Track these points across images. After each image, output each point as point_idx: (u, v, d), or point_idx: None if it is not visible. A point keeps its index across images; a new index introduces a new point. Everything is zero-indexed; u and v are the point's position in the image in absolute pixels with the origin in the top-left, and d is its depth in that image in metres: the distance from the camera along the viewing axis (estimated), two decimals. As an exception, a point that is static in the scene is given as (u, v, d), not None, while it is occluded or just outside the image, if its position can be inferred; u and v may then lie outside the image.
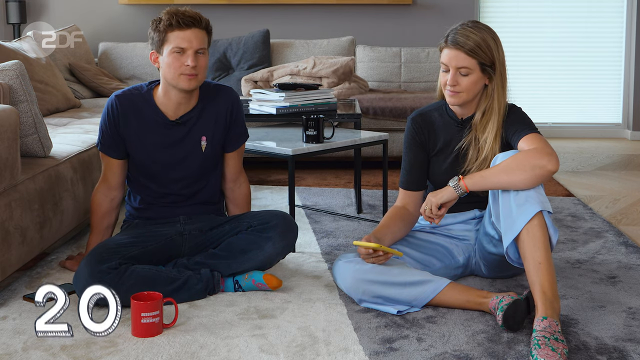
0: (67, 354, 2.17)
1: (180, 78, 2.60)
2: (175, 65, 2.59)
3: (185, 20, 2.57)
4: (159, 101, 2.70)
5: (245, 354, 2.17)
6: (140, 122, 2.69)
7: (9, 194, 2.58)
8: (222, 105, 2.76)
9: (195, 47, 2.58)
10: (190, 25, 2.58)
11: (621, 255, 3.09)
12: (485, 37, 2.52)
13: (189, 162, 2.73)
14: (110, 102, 2.71)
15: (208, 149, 2.74)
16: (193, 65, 2.57)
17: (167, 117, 2.69)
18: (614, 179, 4.70)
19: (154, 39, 2.63)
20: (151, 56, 2.67)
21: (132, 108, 2.69)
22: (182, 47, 2.57)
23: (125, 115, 2.69)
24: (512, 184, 2.37)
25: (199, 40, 2.59)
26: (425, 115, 2.72)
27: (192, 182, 2.76)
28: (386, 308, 2.45)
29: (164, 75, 2.64)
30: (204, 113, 2.73)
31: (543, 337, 2.12)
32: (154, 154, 2.71)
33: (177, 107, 2.69)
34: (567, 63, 6.43)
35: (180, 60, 2.58)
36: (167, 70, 2.61)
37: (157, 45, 2.62)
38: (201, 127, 2.73)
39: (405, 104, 5.00)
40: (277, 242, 2.67)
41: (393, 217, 2.69)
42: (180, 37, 2.57)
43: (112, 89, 5.28)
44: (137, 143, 2.70)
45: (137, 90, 2.73)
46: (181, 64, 2.58)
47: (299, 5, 6.07)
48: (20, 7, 5.84)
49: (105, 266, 2.46)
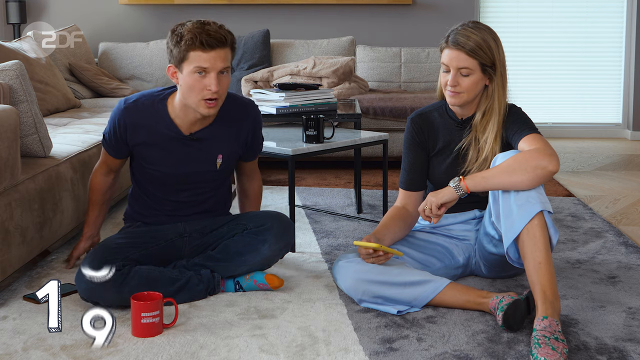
0: (67, 353, 2.17)
1: (201, 104, 2.47)
2: (196, 88, 2.45)
3: (211, 41, 2.41)
4: (173, 114, 2.57)
5: (245, 354, 2.17)
6: (151, 134, 2.58)
7: (9, 194, 2.58)
8: (244, 123, 2.67)
9: (218, 68, 2.44)
10: (215, 46, 2.42)
11: (621, 255, 3.09)
12: (486, 37, 2.52)
13: (202, 176, 2.66)
14: (119, 111, 2.59)
15: (223, 165, 2.67)
16: (216, 90, 2.44)
17: (181, 131, 2.58)
18: (614, 179, 4.70)
19: (173, 52, 2.47)
20: (169, 70, 2.51)
21: (142, 120, 2.58)
22: (204, 67, 2.43)
23: (134, 127, 2.58)
24: (514, 185, 2.37)
25: (222, 61, 2.44)
26: (425, 115, 2.72)
27: (200, 192, 2.72)
28: (386, 308, 2.45)
29: (182, 95, 2.50)
30: (223, 129, 2.63)
31: (543, 336, 2.12)
32: (164, 166, 2.63)
33: (193, 123, 2.59)
34: (567, 63, 6.43)
35: (202, 82, 2.44)
36: (187, 92, 2.48)
37: (176, 61, 2.46)
38: (218, 143, 2.63)
39: (405, 104, 5.00)
40: (273, 244, 2.65)
41: (393, 218, 2.69)
42: (204, 58, 2.41)
43: (112, 89, 5.28)
44: (146, 153, 2.62)
45: (149, 100, 2.59)
46: (203, 87, 2.44)
47: (299, 5, 6.07)
48: (20, 7, 5.84)
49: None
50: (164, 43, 5.76)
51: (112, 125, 2.64)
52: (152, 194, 2.71)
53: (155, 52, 5.73)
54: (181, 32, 2.45)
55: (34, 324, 2.37)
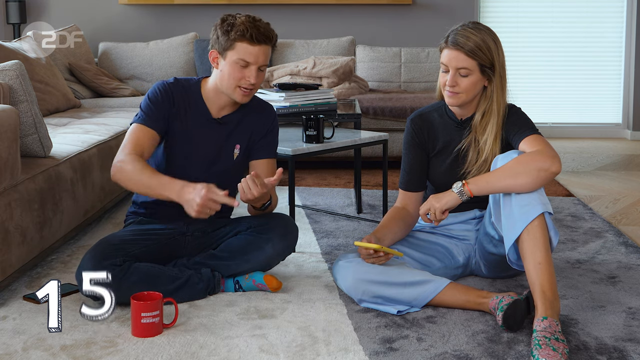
0: (67, 353, 2.17)
1: (236, 90, 2.59)
2: (235, 77, 2.56)
3: (260, 37, 2.55)
4: (206, 95, 2.68)
5: (245, 354, 2.17)
6: (185, 109, 2.66)
7: (9, 194, 2.59)
8: (263, 120, 2.75)
9: (260, 63, 2.57)
10: (262, 42, 2.56)
11: (621, 255, 3.09)
12: (485, 38, 2.52)
13: (219, 165, 2.70)
14: (163, 84, 2.67)
15: (239, 157, 2.73)
16: (254, 82, 2.57)
17: (210, 113, 2.68)
18: (614, 179, 4.70)
19: (219, 40, 2.58)
20: (211, 54, 2.62)
21: (181, 93, 2.66)
22: (248, 61, 2.55)
23: (176, 97, 2.65)
24: (517, 188, 2.37)
25: (265, 57, 2.58)
26: (425, 116, 2.72)
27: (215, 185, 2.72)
28: (386, 308, 2.45)
29: (219, 80, 2.61)
30: (244, 121, 2.72)
31: (544, 337, 2.12)
32: (189, 147, 2.66)
33: (223, 108, 2.68)
34: (567, 63, 6.44)
35: (242, 72, 2.56)
36: (225, 78, 2.59)
37: (221, 48, 2.58)
38: (239, 133, 2.71)
39: (405, 104, 5.00)
40: (277, 244, 2.66)
41: (393, 218, 2.69)
42: (249, 51, 2.54)
43: (112, 89, 5.28)
44: (175, 131, 2.65)
45: (186, 81, 2.70)
46: (242, 77, 2.56)
47: (299, 5, 6.07)
48: (20, 7, 5.85)
49: (109, 262, 2.46)
50: (164, 43, 5.77)
51: (157, 95, 2.63)
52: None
53: (155, 52, 5.73)
54: (233, 22, 2.58)
55: (34, 324, 2.37)
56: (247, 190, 2.46)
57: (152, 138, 2.60)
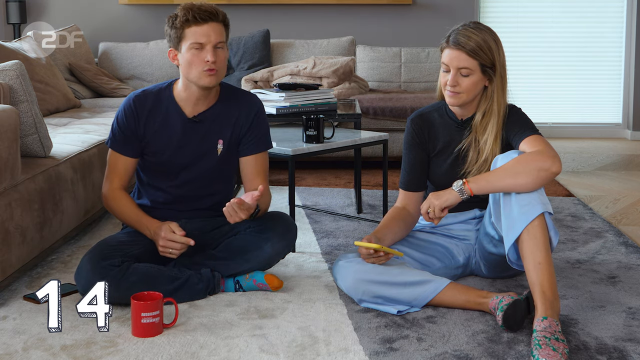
0: (67, 353, 2.17)
1: (202, 75, 2.56)
2: (195, 62, 2.55)
3: (202, 15, 2.53)
4: (178, 97, 2.66)
5: (245, 354, 2.17)
6: (158, 118, 2.65)
7: (9, 194, 2.58)
8: (244, 110, 2.72)
9: (213, 41, 2.55)
10: (207, 19, 2.54)
11: (621, 255, 3.09)
12: (486, 38, 2.52)
13: (204, 163, 2.69)
14: (128, 101, 2.66)
15: (223, 152, 2.70)
16: (213, 60, 2.53)
17: (185, 113, 2.66)
18: (614, 179, 4.70)
19: (171, 36, 2.59)
20: (169, 54, 2.63)
21: (150, 105, 2.65)
22: (200, 42, 2.53)
23: (142, 113, 2.65)
24: (517, 187, 2.37)
25: (217, 34, 2.55)
26: (425, 116, 2.72)
27: (203, 185, 2.72)
28: (386, 308, 2.45)
29: (184, 73, 2.60)
30: (223, 113, 2.69)
31: (544, 337, 2.12)
32: (170, 151, 2.66)
33: (196, 104, 2.66)
34: (567, 63, 6.44)
35: (199, 56, 2.54)
36: (187, 68, 2.58)
37: (174, 42, 2.59)
38: (218, 127, 2.69)
39: (405, 104, 5.00)
40: (276, 243, 2.66)
41: (393, 218, 2.69)
42: (198, 32, 2.53)
43: (112, 89, 5.29)
44: (154, 140, 2.66)
45: (155, 88, 2.70)
46: (201, 60, 2.54)
47: (299, 5, 6.07)
48: (20, 7, 5.85)
49: (107, 263, 2.46)
50: (164, 43, 5.76)
51: (122, 116, 2.67)
52: (155, 187, 2.71)
53: (155, 52, 5.73)
54: (175, 14, 2.59)
55: (34, 324, 2.37)
56: (233, 215, 2.47)
57: (128, 163, 2.70)
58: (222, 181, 2.76)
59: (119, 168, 2.69)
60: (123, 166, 2.69)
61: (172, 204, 2.72)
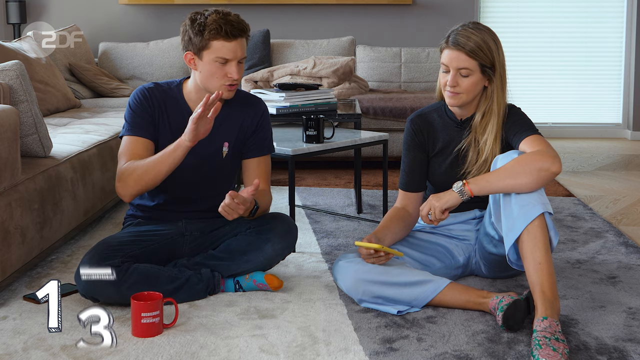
0: (67, 354, 2.17)
1: (222, 88, 2.54)
2: (218, 75, 2.53)
3: (234, 31, 2.49)
4: (187, 97, 2.65)
5: (245, 354, 2.17)
6: (167, 114, 2.64)
7: (9, 194, 2.59)
8: (250, 113, 2.71)
9: (239, 57, 2.53)
10: (237, 36, 2.51)
11: (621, 255, 3.09)
12: (486, 38, 2.52)
13: (208, 165, 2.68)
14: (141, 89, 2.63)
15: (229, 154, 2.70)
16: (237, 77, 2.53)
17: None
18: (614, 179, 4.70)
19: (192, 40, 2.52)
20: (186, 57, 2.57)
21: (163, 97, 2.64)
22: (227, 58, 2.51)
23: (155, 103, 2.62)
24: (518, 188, 2.37)
25: (242, 50, 2.54)
26: (425, 116, 2.71)
27: (206, 186, 2.71)
28: (386, 308, 2.45)
29: (201, 80, 2.57)
30: (230, 117, 2.68)
31: (544, 337, 2.12)
32: None
33: None
34: (567, 63, 6.44)
35: (222, 69, 2.52)
36: (207, 78, 2.55)
37: (196, 49, 2.53)
38: (225, 130, 2.67)
39: (405, 104, 5.01)
40: (277, 244, 2.65)
41: (393, 218, 2.69)
42: (226, 47, 2.50)
43: (112, 89, 5.28)
44: (162, 134, 2.64)
45: (166, 84, 2.68)
46: (224, 75, 2.53)
47: (299, 5, 6.07)
48: (20, 7, 5.85)
49: (107, 263, 2.46)
50: (164, 43, 5.76)
51: (136, 102, 2.62)
52: (158, 188, 2.68)
53: (155, 52, 5.73)
54: (203, 21, 2.51)
55: (34, 324, 2.37)
56: (230, 213, 2.45)
57: (147, 146, 2.61)
58: (225, 182, 2.76)
59: (137, 151, 2.57)
60: (141, 150, 2.58)
61: (174, 205, 2.72)
